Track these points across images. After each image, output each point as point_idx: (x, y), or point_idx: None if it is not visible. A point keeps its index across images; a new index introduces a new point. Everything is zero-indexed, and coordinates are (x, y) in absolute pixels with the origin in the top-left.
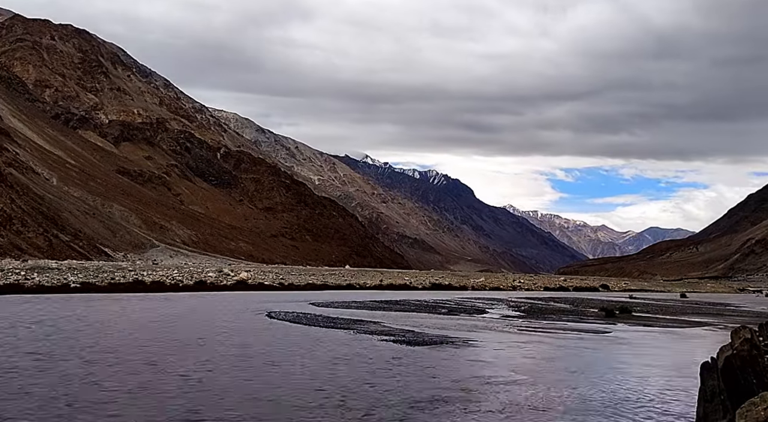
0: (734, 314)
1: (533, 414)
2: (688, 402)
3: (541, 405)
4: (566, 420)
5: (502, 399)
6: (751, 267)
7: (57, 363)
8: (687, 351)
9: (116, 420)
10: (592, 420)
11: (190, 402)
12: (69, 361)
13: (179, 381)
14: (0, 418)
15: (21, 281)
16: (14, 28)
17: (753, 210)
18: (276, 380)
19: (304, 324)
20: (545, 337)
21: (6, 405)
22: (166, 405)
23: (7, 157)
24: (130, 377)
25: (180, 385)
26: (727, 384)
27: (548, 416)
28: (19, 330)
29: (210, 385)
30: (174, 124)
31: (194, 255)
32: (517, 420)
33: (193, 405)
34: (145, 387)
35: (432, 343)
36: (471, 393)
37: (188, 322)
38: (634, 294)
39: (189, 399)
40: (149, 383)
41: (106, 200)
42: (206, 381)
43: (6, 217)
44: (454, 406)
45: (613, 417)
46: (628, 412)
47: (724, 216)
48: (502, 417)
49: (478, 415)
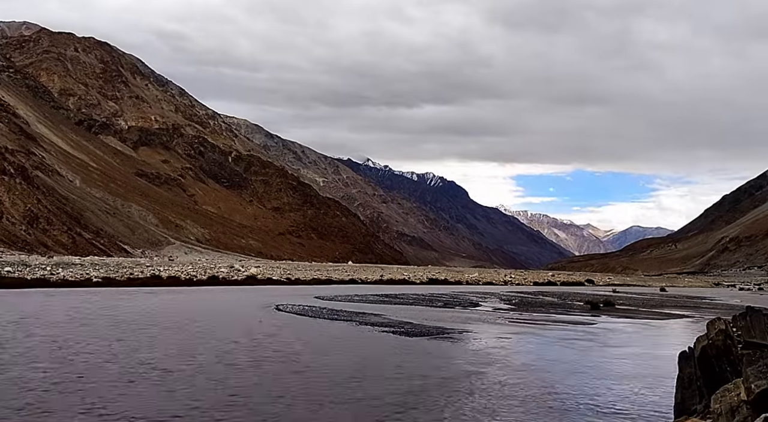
0: (710, 307)
1: (523, 396)
2: (667, 389)
3: (530, 390)
4: (553, 402)
5: (494, 384)
6: (726, 263)
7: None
8: (666, 341)
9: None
10: (578, 404)
11: (218, 381)
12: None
13: (207, 362)
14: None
15: (47, 276)
16: (41, 40)
17: (727, 210)
18: (283, 369)
19: (310, 317)
20: (535, 328)
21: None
22: (199, 376)
23: (34, 160)
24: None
25: (207, 366)
26: (703, 371)
27: (537, 398)
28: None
29: (224, 371)
30: (188, 130)
31: (207, 252)
32: (507, 402)
33: (219, 381)
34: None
35: (429, 334)
36: (466, 380)
37: (206, 314)
38: (618, 288)
39: (216, 378)
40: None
41: (125, 200)
42: (220, 369)
43: (33, 216)
44: (451, 392)
45: (597, 402)
46: (611, 397)
47: (701, 215)
48: (494, 400)
49: (473, 399)
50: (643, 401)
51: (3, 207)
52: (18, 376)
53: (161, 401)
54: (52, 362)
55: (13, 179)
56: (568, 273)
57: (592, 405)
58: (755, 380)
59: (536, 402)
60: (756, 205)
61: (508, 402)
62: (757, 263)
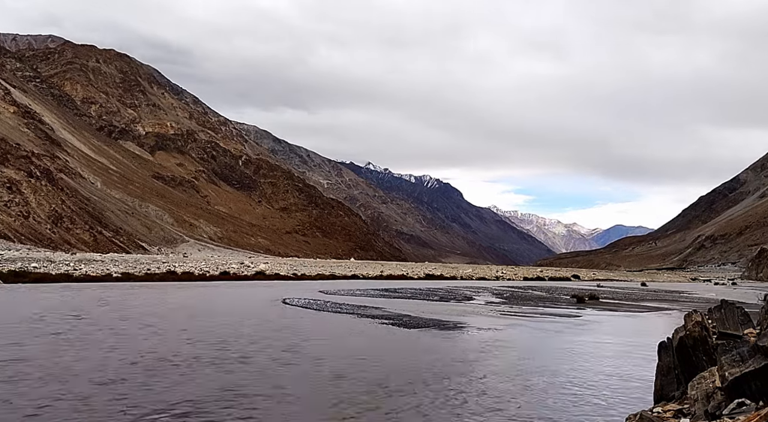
0: (687, 300)
1: (513, 381)
2: (647, 376)
3: (520, 376)
4: (540, 385)
5: (486, 371)
6: (702, 260)
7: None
8: (646, 332)
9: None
10: (563, 389)
11: (228, 365)
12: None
13: (223, 349)
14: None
15: (70, 271)
16: (65, 52)
17: (703, 210)
18: (290, 357)
19: (315, 310)
20: (524, 321)
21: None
22: (210, 356)
23: (58, 164)
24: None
25: (223, 353)
26: (681, 360)
27: (525, 383)
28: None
29: (237, 359)
30: (202, 135)
31: (219, 249)
32: (499, 386)
33: (227, 365)
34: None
35: (426, 326)
36: (462, 366)
37: (219, 307)
38: (602, 283)
39: (227, 365)
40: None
41: (143, 201)
42: (233, 356)
43: (57, 216)
44: (447, 378)
45: (581, 388)
46: (595, 384)
47: (679, 215)
48: (486, 383)
49: (469, 382)
50: (624, 388)
51: (30, 207)
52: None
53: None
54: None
55: (39, 181)
56: (555, 269)
57: (577, 391)
58: (729, 368)
59: (524, 385)
60: (729, 205)
61: (499, 385)
62: (730, 260)
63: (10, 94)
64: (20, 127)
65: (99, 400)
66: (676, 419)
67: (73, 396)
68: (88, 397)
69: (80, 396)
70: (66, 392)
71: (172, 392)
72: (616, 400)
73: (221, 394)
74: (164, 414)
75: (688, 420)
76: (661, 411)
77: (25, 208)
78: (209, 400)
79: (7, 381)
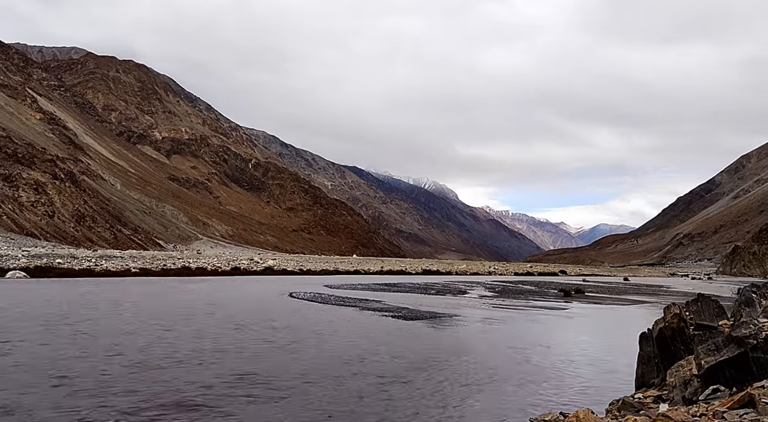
0: (666, 294)
1: (504, 370)
2: (629, 364)
3: (510, 363)
4: (529, 373)
5: (480, 359)
6: (680, 256)
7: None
8: (628, 323)
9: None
10: (550, 375)
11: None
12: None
13: (236, 337)
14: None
15: (92, 267)
16: (87, 63)
17: (681, 210)
18: (297, 346)
19: (320, 303)
20: (515, 313)
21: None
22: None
23: (81, 166)
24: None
25: (236, 341)
26: (660, 349)
27: (515, 372)
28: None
29: (249, 348)
30: (214, 140)
31: (230, 246)
32: (491, 376)
33: (241, 351)
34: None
35: (424, 318)
36: (457, 353)
37: (231, 301)
38: (587, 278)
39: (242, 353)
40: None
41: (159, 202)
42: (245, 346)
43: (80, 216)
44: (445, 367)
45: (567, 375)
46: (581, 371)
47: (658, 215)
48: (480, 368)
49: (464, 367)
50: (608, 375)
51: (54, 207)
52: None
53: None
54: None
55: (63, 183)
56: (544, 265)
57: (564, 378)
58: (705, 357)
59: (513, 373)
60: (706, 206)
61: (491, 373)
62: (707, 256)
63: (37, 102)
64: (46, 133)
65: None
66: (656, 404)
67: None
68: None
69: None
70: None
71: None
72: (600, 387)
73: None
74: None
75: (667, 405)
76: (642, 397)
77: (51, 208)
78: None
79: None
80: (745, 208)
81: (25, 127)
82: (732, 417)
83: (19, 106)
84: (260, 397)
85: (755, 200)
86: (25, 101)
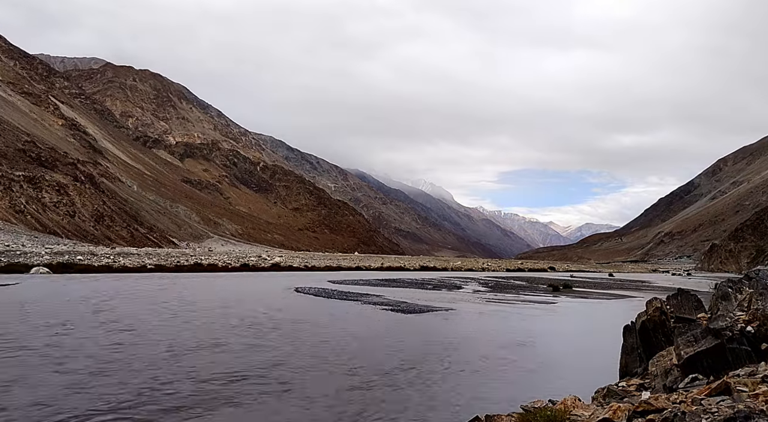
0: (649, 289)
1: (497, 359)
2: (613, 355)
3: (502, 354)
4: (519, 362)
5: (473, 350)
6: (661, 254)
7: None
8: (613, 315)
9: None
10: (541, 363)
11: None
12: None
13: (254, 328)
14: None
15: (110, 263)
16: (106, 72)
17: (662, 210)
18: (303, 337)
19: (324, 297)
20: (507, 307)
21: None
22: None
23: (100, 169)
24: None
25: (251, 331)
26: (643, 341)
27: (507, 361)
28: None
29: (260, 337)
30: (225, 145)
31: (240, 244)
32: (483, 364)
33: (254, 341)
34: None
35: (421, 311)
36: (453, 343)
37: (241, 296)
38: (574, 274)
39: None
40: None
41: (173, 202)
42: (256, 336)
43: (99, 215)
44: (442, 357)
45: (555, 364)
46: (567, 361)
47: (641, 214)
48: (475, 356)
49: (460, 361)
50: (593, 364)
51: (75, 207)
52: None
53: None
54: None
55: (83, 185)
56: (534, 262)
57: (552, 366)
58: (684, 348)
59: (505, 362)
60: (685, 206)
61: (483, 362)
62: (686, 253)
63: (59, 109)
64: (67, 138)
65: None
66: (639, 392)
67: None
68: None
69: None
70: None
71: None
72: (585, 375)
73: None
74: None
75: (649, 392)
76: (626, 385)
77: (72, 208)
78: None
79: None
80: (722, 208)
81: (48, 132)
82: (709, 403)
83: (42, 112)
84: (274, 382)
85: (731, 201)
86: (48, 108)
